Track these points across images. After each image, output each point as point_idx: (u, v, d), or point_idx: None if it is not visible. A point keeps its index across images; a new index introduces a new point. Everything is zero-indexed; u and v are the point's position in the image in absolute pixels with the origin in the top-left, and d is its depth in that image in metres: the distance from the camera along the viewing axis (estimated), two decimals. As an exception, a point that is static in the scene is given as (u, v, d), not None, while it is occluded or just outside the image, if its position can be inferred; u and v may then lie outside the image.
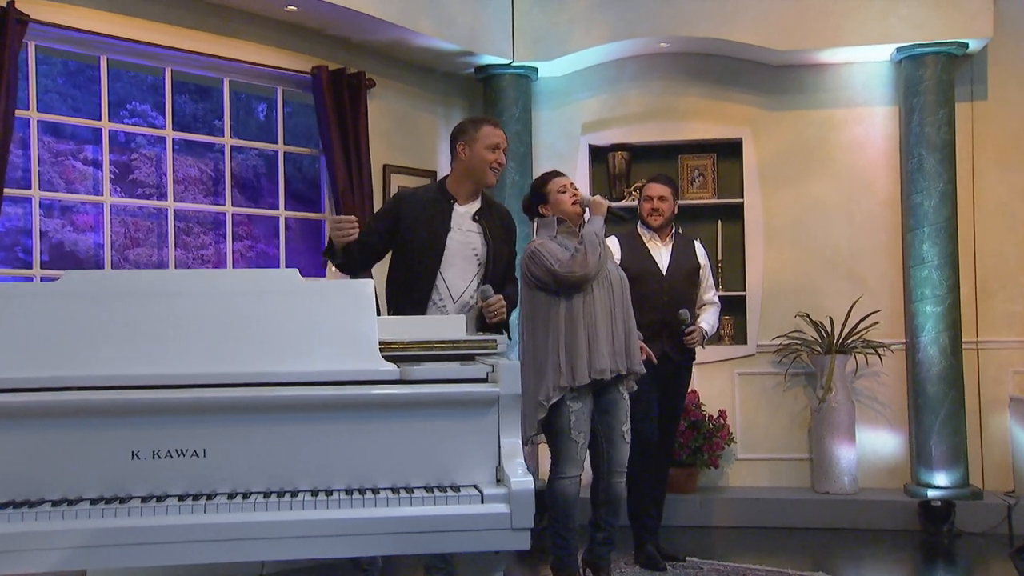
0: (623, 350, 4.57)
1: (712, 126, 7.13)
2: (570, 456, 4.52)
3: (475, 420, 2.81)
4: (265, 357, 2.82)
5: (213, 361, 2.80)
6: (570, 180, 4.75)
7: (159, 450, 2.70)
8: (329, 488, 2.71)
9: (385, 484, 2.74)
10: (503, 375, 2.82)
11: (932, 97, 6.56)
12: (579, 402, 4.48)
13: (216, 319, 2.86)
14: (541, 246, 4.55)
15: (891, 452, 6.86)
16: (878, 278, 6.89)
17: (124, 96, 6.49)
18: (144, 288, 2.89)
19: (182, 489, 2.68)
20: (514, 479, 2.69)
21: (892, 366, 6.81)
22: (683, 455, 6.56)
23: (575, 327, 4.48)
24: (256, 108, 7.26)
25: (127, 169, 6.46)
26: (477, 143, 4.20)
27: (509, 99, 7.05)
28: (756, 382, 6.99)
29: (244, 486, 2.70)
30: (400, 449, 2.78)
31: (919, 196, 6.58)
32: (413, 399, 2.79)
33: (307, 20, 6.15)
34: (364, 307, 2.97)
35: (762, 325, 6.99)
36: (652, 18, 6.77)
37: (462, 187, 4.25)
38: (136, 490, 2.67)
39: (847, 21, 6.58)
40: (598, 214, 4.62)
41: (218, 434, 2.73)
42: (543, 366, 4.49)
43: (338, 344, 2.88)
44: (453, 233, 4.15)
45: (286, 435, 2.75)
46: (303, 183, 7.14)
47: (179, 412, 2.71)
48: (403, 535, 2.64)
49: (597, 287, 4.53)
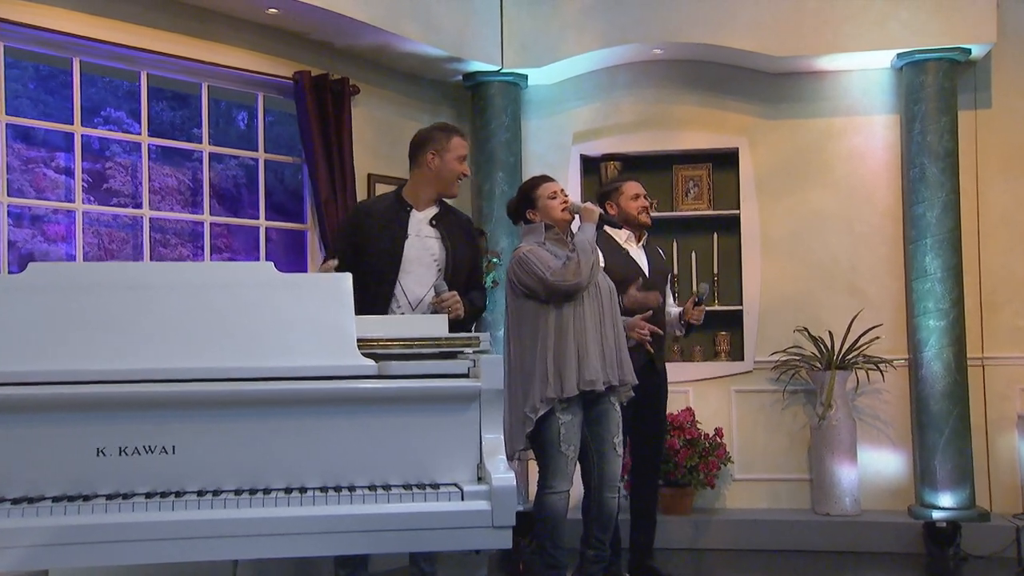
0: (614, 361, 4.57)
1: (707, 135, 7.16)
2: (559, 470, 4.51)
3: (456, 416, 2.81)
4: (238, 352, 2.82)
5: (184, 355, 2.79)
6: (560, 186, 4.78)
7: (125, 447, 2.70)
8: (303, 486, 2.70)
9: (362, 483, 2.73)
10: (485, 369, 2.83)
11: (934, 105, 6.60)
12: (569, 414, 4.47)
13: (188, 313, 2.86)
14: (530, 253, 4.55)
15: (894, 472, 6.85)
16: (879, 292, 6.91)
17: (98, 102, 6.50)
18: (114, 281, 2.89)
19: (149, 488, 2.67)
20: (496, 475, 2.68)
21: (894, 383, 6.82)
22: (678, 475, 6.54)
23: (564, 337, 4.47)
24: (236, 117, 7.28)
25: (101, 178, 6.47)
26: (448, 153, 4.28)
27: (498, 107, 7.07)
28: (753, 400, 6.99)
29: (214, 484, 2.69)
30: (378, 446, 2.78)
31: (921, 207, 6.61)
32: (391, 394, 2.79)
33: (289, 24, 6.18)
34: (341, 301, 2.97)
35: (759, 341, 7.00)
36: (645, 24, 6.82)
37: (423, 194, 4.30)
38: (101, 488, 2.65)
39: (846, 27, 6.63)
40: (589, 221, 4.63)
41: (187, 430, 2.72)
42: (530, 377, 4.48)
43: (314, 339, 2.88)
44: (411, 240, 4.19)
45: (258, 432, 2.74)
46: (285, 195, 7.16)
47: (146, 407, 2.70)
48: (380, 533, 2.63)
49: (587, 296, 4.53)
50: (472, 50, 6.84)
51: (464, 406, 2.81)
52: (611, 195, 5.39)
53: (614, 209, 5.27)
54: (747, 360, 7.03)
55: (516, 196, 4.85)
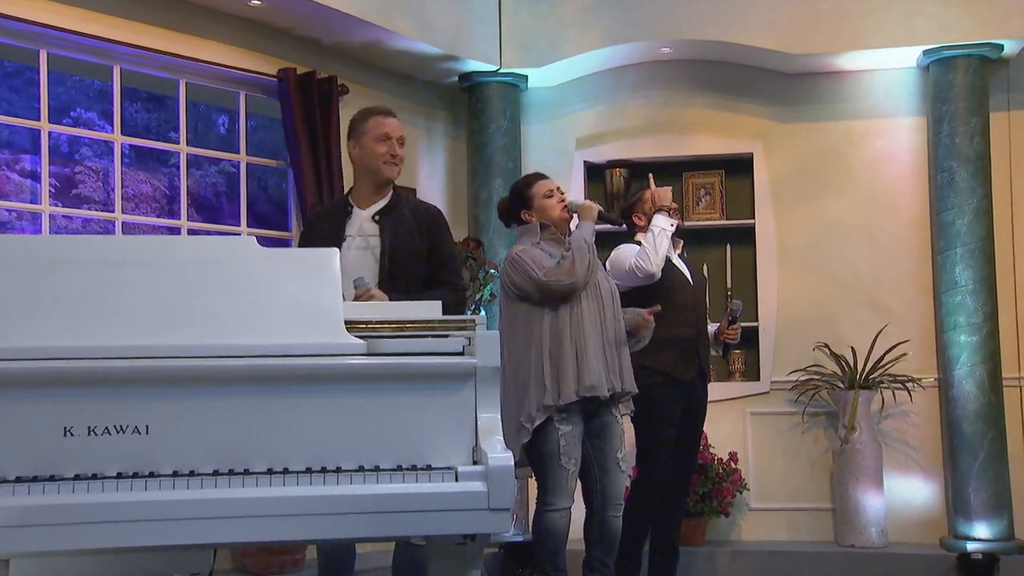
0: (616, 366, 4.57)
1: (719, 140, 7.21)
2: (560, 485, 4.49)
3: (450, 395, 2.82)
4: (217, 329, 2.83)
5: (159, 333, 2.80)
6: (556, 183, 4.79)
7: (94, 426, 2.69)
8: (287, 469, 2.70)
9: (351, 465, 2.73)
10: (481, 346, 2.84)
11: (963, 105, 6.64)
12: (568, 424, 4.46)
13: (165, 289, 2.87)
14: (523, 253, 4.56)
15: (924, 501, 6.83)
16: (905, 306, 6.92)
17: (67, 102, 6.56)
18: (85, 255, 2.90)
19: (120, 469, 2.66)
20: (492, 455, 2.69)
21: (923, 403, 6.82)
22: (690, 503, 6.51)
23: (561, 340, 4.47)
24: (216, 121, 7.35)
25: (70, 183, 6.51)
26: (365, 136, 4.19)
27: (496, 110, 7.13)
28: (771, 423, 6.98)
29: (191, 466, 2.68)
30: (368, 427, 2.78)
31: (950, 214, 6.64)
32: (381, 371, 2.79)
33: (273, 17, 6.24)
34: (327, 278, 2.98)
35: (776, 359, 7.00)
36: (653, 20, 6.88)
37: (361, 190, 4.26)
38: (68, 470, 2.64)
39: (868, 22, 6.68)
40: (587, 219, 4.66)
41: (161, 409, 2.72)
42: (525, 385, 4.47)
43: (298, 316, 2.89)
44: (351, 240, 4.12)
45: (238, 411, 2.74)
46: (268, 204, 7.19)
47: (117, 384, 2.70)
48: (368, 515, 2.62)
49: (585, 298, 4.53)
50: (468, 48, 6.90)
51: (459, 384, 2.82)
52: (636, 206, 5.32)
53: (643, 220, 5.24)
54: (763, 380, 7.03)
55: (508, 195, 4.86)
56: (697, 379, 5.21)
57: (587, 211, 4.68)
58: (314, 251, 3.08)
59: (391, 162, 4.19)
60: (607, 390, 4.48)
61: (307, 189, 6.32)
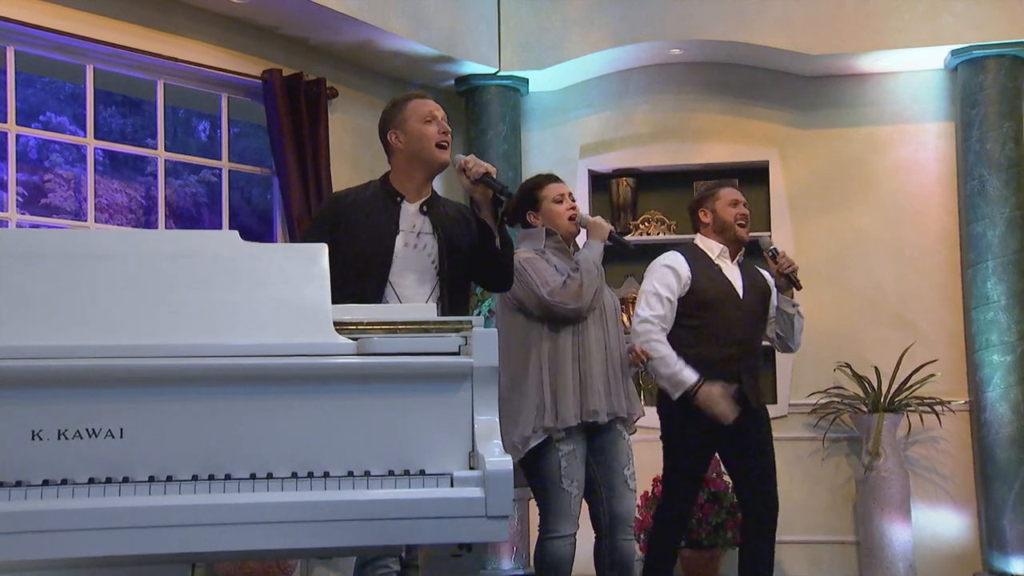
0: (620, 390, 4.54)
1: (733, 147, 7.25)
2: (562, 510, 4.45)
3: (445, 396, 2.81)
4: (196, 326, 2.83)
5: (135, 330, 2.80)
6: (568, 188, 4.77)
7: (65, 429, 2.68)
8: (271, 474, 2.70)
9: (339, 471, 2.72)
10: (478, 344, 2.84)
11: (995, 108, 6.68)
12: (570, 443, 4.43)
13: (141, 284, 2.87)
14: (527, 263, 4.53)
15: (955, 533, 6.82)
16: (933, 323, 6.94)
17: (36, 105, 6.58)
18: (57, 249, 2.90)
19: (92, 475, 2.66)
20: (490, 459, 2.69)
21: (953, 428, 6.82)
22: (702, 534, 6.50)
23: (563, 361, 4.43)
24: (197, 127, 7.38)
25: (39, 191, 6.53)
26: (408, 121, 4.08)
27: (494, 115, 7.17)
28: (789, 449, 6.95)
29: (168, 472, 2.68)
30: (358, 431, 2.77)
31: (981, 225, 6.66)
32: (371, 370, 2.79)
33: (258, 15, 6.27)
34: (315, 274, 2.99)
35: (795, 381, 7.01)
36: (661, 19, 6.92)
37: (407, 182, 4.14)
38: (35, 476, 2.64)
39: (892, 20, 6.72)
40: (598, 238, 4.61)
41: (136, 411, 2.71)
42: (520, 402, 4.45)
43: (283, 314, 2.89)
44: (402, 236, 4.09)
45: (219, 413, 2.74)
46: (252, 216, 7.23)
47: (88, 384, 2.69)
48: (357, 523, 2.61)
49: (592, 320, 4.52)
50: (466, 49, 6.94)
51: (455, 385, 2.82)
52: (706, 200, 5.20)
53: (708, 216, 5.14)
54: (780, 403, 7.02)
55: (518, 193, 4.83)
56: (736, 403, 4.92)
57: (598, 229, 4.62)
58: (301, 246, 3.08)
59: (444, 145, 4.08)
60: (606, 415, 4.46)
61: (293, 199, 6.33)
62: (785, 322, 5.20)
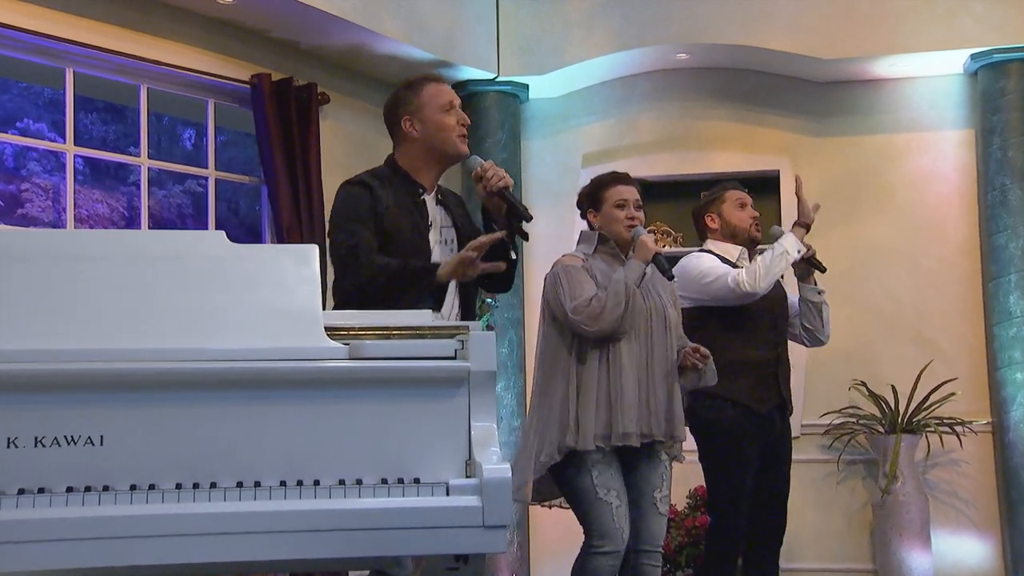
0: (660, 411, 4.41)
1: (742, 156, 7.26)
2: (604, 523, 4.29)
3: (441, 402, 2.82)
4: (181, 329, 2.84)
5: (117, 333, 2.81)
6: (635, 195, 4.58)
7: (42, 436, 2.69)
8: (258, 482, 2.71)
9: (330, 479, 2.73)
10: (475, 348, 2.85)
11: (1017, 114, 6.71)
12: (599, 453, 4.34)
13: (125, 286, 2.89)
14: (564, 271, 4.43)
15: (978, 560, 6.81)
16: (952, 340, 6.94)
17: (13, 112, 6.60)
18: (36, 250, 2.92)
19: (71, 483, 2.66)
20: (487, 467, 2.69)
21: (975, 450, 6.82)
22: (712, 560, 6.49)
23: (589, 376, 4.38)
24: (182, 135, 7.40)
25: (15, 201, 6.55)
26: (425, 109, 3.98)
27: (493, 122, 7.19)
28: (802, 472, 6.89)
29: (150, 480, 2.69)
30: (349, 438, 2.78)
31: (1003, 237, 6.68)
32: (364, 375, 2.81)
33: (246, 17, 6.29)
34: (305, 277, 3.01)
35: (808, 400, 7.00)
36: (667, 23, 6.94)
37: (423, 172, 4.03)
38: (11, 485, 2.65)
39: (908, 23, 6.75)
40: (639, 259, 4.42)
41: (117, 417, 2.72)
42: (547, 418, 4.41)
43: (272, 317, 2.91)
44: (433, 232, 3.98)
45: (204, 420, 2.75)
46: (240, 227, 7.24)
47: (67, 389, 2.71)
48: (349, 533, 2.62)
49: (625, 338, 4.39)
50: (463, 53, 6.97)
51: (450, 390, 2.83)
52: (712, 205, 5.18)
53: (715, 221, 5.14)
54: (793, 424, 6.95)
55: (587, 187, 4.71)
56: (775, 410, 5.03)
57: (643, 249, 4.44)
58: (291, 247, 3.10)
59: (463, 135, 4.00)
60: (639, 438, 4.35)
61: (283, 209, 6.34)
62: (812, 312, 5.22)
